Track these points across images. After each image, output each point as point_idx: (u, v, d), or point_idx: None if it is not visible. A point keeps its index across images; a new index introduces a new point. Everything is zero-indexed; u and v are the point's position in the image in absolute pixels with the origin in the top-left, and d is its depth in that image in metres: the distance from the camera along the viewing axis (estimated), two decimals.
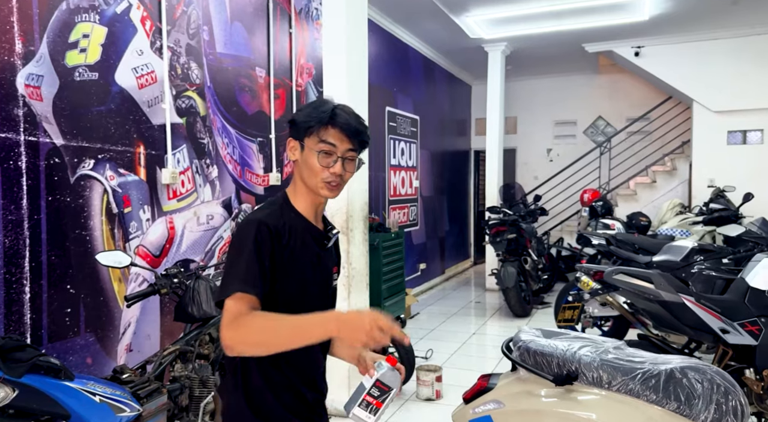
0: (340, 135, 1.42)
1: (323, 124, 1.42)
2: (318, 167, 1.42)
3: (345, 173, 1.45)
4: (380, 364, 1.42)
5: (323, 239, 1.53)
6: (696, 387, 1.77)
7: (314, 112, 1.45)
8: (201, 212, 3.66)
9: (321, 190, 1.44)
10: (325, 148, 1.41)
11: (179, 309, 2.54)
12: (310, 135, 1.43)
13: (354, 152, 1.45)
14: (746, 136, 7.45)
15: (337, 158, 1.42)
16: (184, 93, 3.53)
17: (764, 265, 3.00)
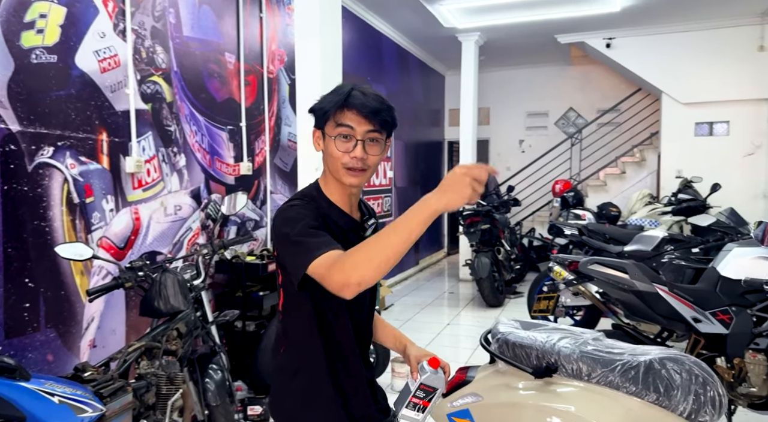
0: (357, 117, 1.35)
1: (339, 107, 1.36)
2: (338, 153, 1.36)
3: (368, 157, 1.37)
4: (422, 368, 1.48)
5: (360, 230, 1.47)
6: (675, 378, 1.76)
7: (330, 96, 1.39)
8: (168, 202, 3.53)
9: (344, 177, 1.38)
10: (343, 132, 1.35)
11: (145, 304, 2.43)
12: (328, 120, 1.38)
13: (376, 133, 1.37)
14: (713, 127, 7.58)
15: (357, 141, 1.36)
16: (149, 78, 3.39)
17: (735, 254, 3.03)
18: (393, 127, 1.42)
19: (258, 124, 4.49)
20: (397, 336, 1.69)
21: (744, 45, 7.11)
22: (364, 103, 1.35)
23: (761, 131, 7.21)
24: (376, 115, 1.35)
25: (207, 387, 2.67)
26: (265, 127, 4.57)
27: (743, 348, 2.87)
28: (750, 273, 2.93)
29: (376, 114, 1.35)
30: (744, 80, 7.15)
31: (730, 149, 7.38)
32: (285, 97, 4.87)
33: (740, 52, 7.13)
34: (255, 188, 4.46)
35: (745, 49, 7.11)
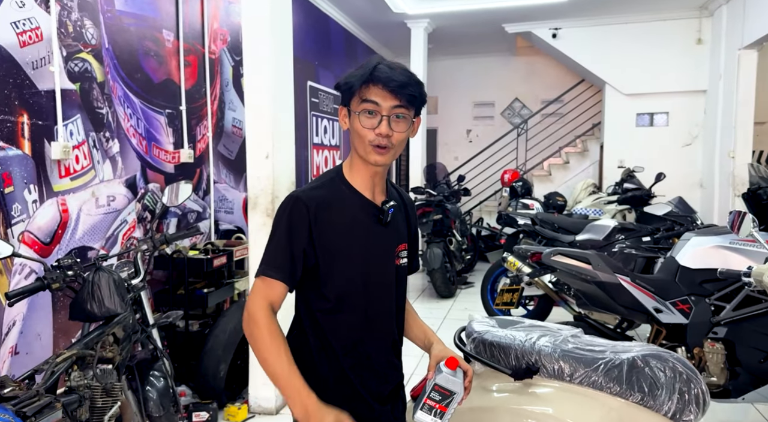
0: (383, 91, 1.30)
1: (364, 82, 1.31)
2: (363, 130, 1.33)
3: (393, 133, 1.32)
4: (439, 368, 1.37)
5: (377, 212, 1.41)
6: (659, 376, 1.67)
7: (356, 71, 1.35)
8: (100, 192, 3.21)
9: (369, 156, 1.34)
10: (368, 107, 1.31)
11: (76, 307, 2.15)
12: (354, 96, 1.34)
13: (403, 109, 1.32)
14: (653, 118, 7.77)
15: (382, 117, 1.31)
16: (77, 54, 3.05)
17: (693, 244, 3.03)
18: (422, 103, 1.37)
19: (200, 108, 4.19)
20: (427, 333, 1.60)
21: (683, 38, 7.30)
22: (390, 76, 1.30)
23: (698, 122, 7.45)
24: (402, 90, 1.30)
25: (148, 396, 2.42)
26: (207, 112, 4.27)
27: (702, 338, 2.86)
28: (708, 262, 2.92)
29: (402, 88, 1.30)
30: (683, 72, 7.35)
31: (670, 139, 7.59)
32: (229, 79, 4.58)
33: (680, 45, 7.31)
34: (197, 177, 4.16)
35: (685, 42, 7.30)
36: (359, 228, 1.39)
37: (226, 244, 4.03)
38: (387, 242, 1.44)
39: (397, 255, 1.48)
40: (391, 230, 1.45)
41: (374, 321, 1.42)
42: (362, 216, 1.39)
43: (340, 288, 1.37)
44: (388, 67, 1.32)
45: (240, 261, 3.98)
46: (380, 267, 1.43)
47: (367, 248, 1.40)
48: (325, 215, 1.34)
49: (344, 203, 1.38)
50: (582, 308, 3.44)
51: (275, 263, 1.32)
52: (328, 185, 1.40)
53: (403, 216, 1.54)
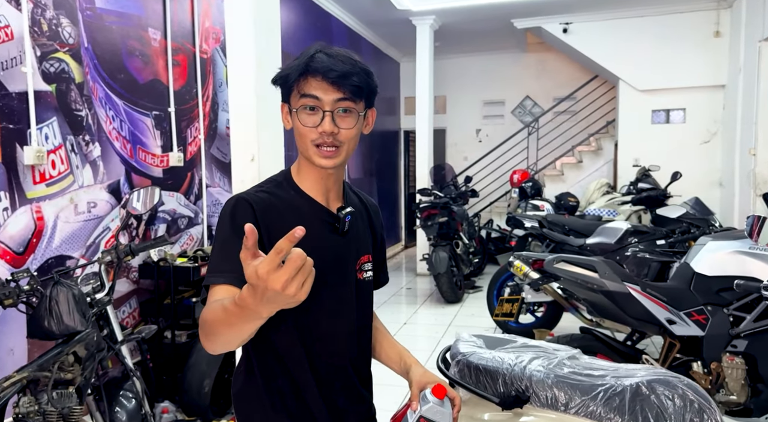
0: (323, 83, 1.13)
1: (301, 74, 1.14)
2: (303, 128, 1.16)
3: (339, 131, 1.15)
4: (424, 397, 1.21)
5: (333, 221, 1.25)
6: (666, 406, 1.46)
7: (292, 62, 1.18)
8: (80, 198, 3.07)
9: (314, 158, 1.17)
10: (308, 102, 1.14)
11: (33, 324, 1.99)
12: (292, 91, 1.17)
13: (348, 101, 1.14)
14: (669, 114, 7.49)
15: (324, 113, 1.14)
16: (52, 54, 2.91)
17: (709, 249, 2.80)
18: (371, 93, 1.20)
19: (190, 110, 4.03)
20: (403, 354, 1.42)
21: (700, 31, 7.01)
22: (330, 66, 1.12)
23: (717, 118, 7.15)
24: (345, 80, 1.13)
25: (116, 418, 2.26)
26: (198, 113, 4.12)
27: (720, 351, 2.64)
28: (726, 269, 2.69)
29: (344, 78, 1.13)
30: (700, 66, 7.06)
31: (687, 137, 7.30)
32: (222, 79, 4.42)
33: (697, 38, 7.03)
34: (188, 181, 4.01)
35: (702, 35, 7.01)
36: (311, 237, 1.18)
37: None
38: (345, 254, 1.27)
39: (360, 268, 1.31)
40: (350, 240, 1.28)
41: (331, 342, 1.24)
42: (315, 224, 1.21)
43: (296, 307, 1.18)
44: (326, 55, 1.14)
45: None
46: (338, 281, 1.25)
47: (321, 260, 1.18)
48: (272, 218, 1.17)
49: (294, 209, 1.21)
50: (593, 315, 3.22)
51: (221, 267, 1.13)
52: (275, 189, 1.23)
53: (365, 225, 1.37)
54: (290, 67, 1.17)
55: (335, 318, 1.25)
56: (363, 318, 1.34)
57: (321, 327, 1.23)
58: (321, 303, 1.22)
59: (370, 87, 1.18)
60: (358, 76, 1.14)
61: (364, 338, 1.36)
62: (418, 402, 1.23)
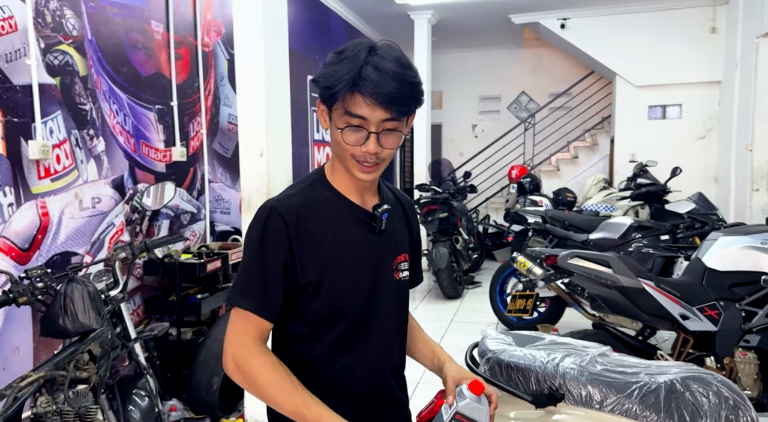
0: (371, 103, 1.06)
1: (347, 90, 1.06)
2: (345, 144, 1.11)
3: (383, 150, 1.11)
4: (461, 392, 1.16)
5: (370, 220, 1.21)
6: (701, 403, 1.46)
7: (337, 70, 1.08)
8: (84, 194, 3.01)
9: (353, 170, 1.15)
10: (352, 122, 1.09)
11: (47, 322, 1.95)
12: (335, 102, 1.10)
13: (395, 122, 1.10)
14: (666, 110, 7.52)
15: (369, 134, 1.09)
16: (56, 46, 2.84)
17: (721, 244, 2.81)
18: (418, 107, 1.13)
19: (193, 104, 3.98)
20: (436, 351, 1.37)
21: (697, 27, 7.04)
22: (379, 87, 1.04)
23: (713, 114, 7.19)
24: (393, 103, 1.07)
25: (130, 416, 2.22)
26: (201, 107, 4.06)
27: (733, 346, 2.65)
28: (738, 264, 2.70)
29: (394, 102, 1.07)
30: (696, 62, 7.09)
31: (683, 132, 7.35)
32: (224, 73, 4.37)
33: (693, 34, 7.06)
34: (191, 176, 3.96)
35: (698, 31, 7.04)
36: (348, 238, 1.18)
37: (221, 247, 3.83)
38: (383, 253, 1.23)
39: (396, 267, 1.27)
40: (387, 239, 1.24)
41: (369, 349, 1.22)
42: (351, 225, 1.19)
43: (325, 311, 1.17)
44: (376, 70, 1.06)
45: (236, 264, 3.77)
46: (375, 283, 1.21)
47: (358, 262, 1.19)
48: (307, 227, 1.14)
49: (329, 210, 1.18)
50: (597, 310, 3.22)
51: (245, 289, 1.13)
52: (309, 190, 1.20)
53: (402, 222, 1.33)
54: (335, 77, 1.08)
55: (377, 324, 1.22)
56: (402, 320, 1.30)
57: (361, 334, 1.20)
58: (362, 307, 1.20)
59: (417, 103, 1.12)
60: (408, 97, 1.08)
61: (403, 340, 1.33)
62: (454, 397, 1.18)
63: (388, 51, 1.10)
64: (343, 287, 1.17)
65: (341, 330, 1.18)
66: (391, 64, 1.08)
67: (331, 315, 1.17)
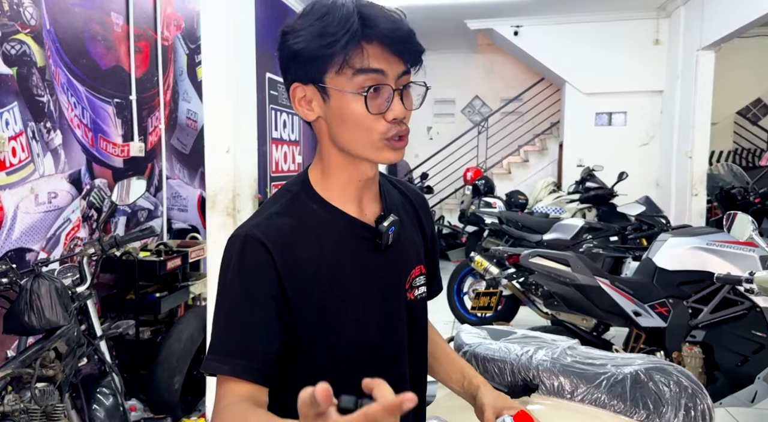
0: (385, 52, 0.84)
1: (356, 40, 0.82)
2: (369, 117, 0.85)
3: (407, 113, 0.89)
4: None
5: (372, 236, 0.95)
6: (663, 392, 1.56)
7: (328, 24, 0.82)
8: (40, 188, 2.90)
9: (383, 154, 0.89)
10: (373, 81, 0.84)
11: (11, 319, 1.89)
12: (338, 67, 0.84)
13: (409, 75, 0.90)
14: (612, 117, 7.85)
15: (393, 92, 0.86)
16: (13, 36, 2.73)
17: (670, 245, 2.97)
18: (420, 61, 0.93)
19: (151, 98, 3.89)
20: (467, 373, 1.15)
21: (642, 38, 7.39)
22: (394, 25, 0.84)
23: (655, 122, 7.56)
24: (408, 44, 0.87)
25: (95, 415, 2.17)
26: (159, 102, 3.97)
27: (681, 341, 2.81)
28: (686, 264, 2.87)
29: (408, 42, 0.86)
30: (641, 72, 7.44)
31: (627, 139, 7.69)
32: (183, 68, 4.29)
33: (638, 45, 7.40)
34: (148, 172, 3.87)
35: (643, 42, 7.39)
36: (346, 263, 0.92)
37: (180, 245, 3.76)
38: (391, 274, 0.99)
39: (411, 285, 1.02)
40: (396, 254, 0.99)
41: None
42: (350, 245, 0.94)
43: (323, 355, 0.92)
44: (378, 11, 0.85)
45: (195, 262, 3.72)
46: (382, 315, 0.97)
47: (365, 288, 0.94)
48: (297, 254, 0.88)
49: (319, 230, 0.92)
50: (549, 308, 3.34)
51: (227, 348, 0.85)
52: (292, 207, 0.93)
53: (414, 226, 1.08)
54: (328, 32, 0.82)
55: (381, 364, 0.97)
56: (417, 352, 1.05)
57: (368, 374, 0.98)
58: (363, 348, 0.95)
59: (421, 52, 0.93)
60: (414, 37, 0.90)
61: (422, 366, 1.09)
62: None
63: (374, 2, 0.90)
64: (346, 326, 0.92)
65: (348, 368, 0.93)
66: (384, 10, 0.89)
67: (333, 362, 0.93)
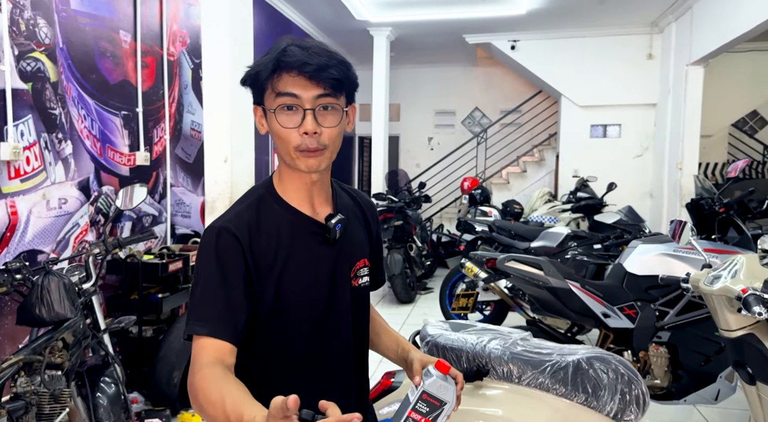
0: (299, 79, 1.03)
1: (274, 70, 1.04)
2: (284, 132, 1.06)
3: (323, 130, 1.06)
4: (428, 372, 1.12)
5: (324, 232, 1.15)
6: (602, 378, 1.75)
7: (261, 59, 1.07)
8: (51, 195, 3.14)
9: (297, 162, 1.08)
10: (286, 102, 1.05)
11: (24, 311, 2.10)
12: (266, 90, 1.07)
13: (329, 97, 1.06)
14: (606, 129, 8.02)
15: (305, 112, 1.05)
16: (29, 53, 2.98)
17: (640, 251, 3.15)
18: (352, 87, 1.11)
19: (157, 111, 4.13)
20: (400, 342, 1.36)
21: (635, 53, 7.58)
22: (304, 59, 1.03)
23: (649, 134, 7.73)
24: (322, 73, 1.03)
25: (98, 402, 2.37)
26: (165, 114, 4.21)
27: (647, 342, 2.98)
28: (653, 269, 3.05)
29: (322, 71, 1.03)
30: (635, 86, 7.62)
31: (622, 150, 7.85)
32: (188, 82, 4.53)
33: (632, 59, 7.59)
34: (153, 180, 4.10)
35: (636, 57, 7.58)
36: (302, 254, 1.13)
37: (182, 249, 3.98)
38: (338, 264, 1.18)
39: (355, 275, 1.22)
40: (343, 248, 1.19)
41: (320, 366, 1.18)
42: (304, 239, 1.14)
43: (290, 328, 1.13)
44: (299, 48, 1.04)
45: None
46: (332, 296, 1.17)
47: (314, 277, 1.14)
48: (260, 243, 1.09)
49: (280, 225, 1.12)
50: (536, 313, 3.53)
51: (203, 314, 1.04)
52: (256, 205, 1.13)
53: (361, 226, 1.28)
54: (260, 64, 1.07)
55: (328, 337, 1.17)
56: (359, 331, 1.25)
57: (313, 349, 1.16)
58: (313, 323, 1.15)
59: (350, 79, 1.09)
60: (337, 68, 1.05)
61: (360, 352, 1.27)
62: (421, 377, 1.13)
63: (312, 40, 1.10)
64: (299, 305, 1.12)
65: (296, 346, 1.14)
66: (316, 44, 1.08)
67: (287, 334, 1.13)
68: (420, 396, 1.07)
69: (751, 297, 1.66)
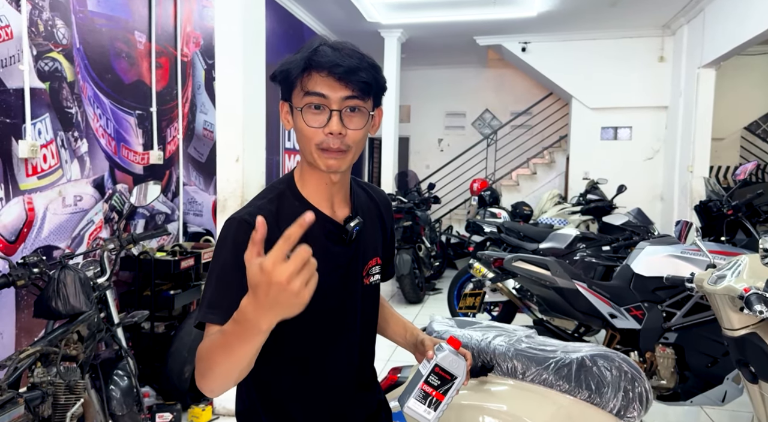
0: (329, 80, 1.04)
1: (304, 69, 1.06)
2: (309, 130, 1.07)
3: (348, 132, 1.07)
4: (440, 347, 1.17)
5: (340, 233, 1.16)
6: (605, 375, 1.77)
7: (293, 56, 1.09)
8: (67, 192, 3.20)
9: (319, 161, 1.09)
10: (313, 101, 1.06)
11: (41, 304, 2.16)
12: (294, 88, 1.09)
13: (357, 100, 1.07)
14: (617, 132, 8.01)
15: (331, 112, 1.05)
16: (47, 54, 3.05)
17: (647, 252, 3.16)
18: (380, 90, 1.12)
19: (170, 110, 4.20)
20: (408, 327, 1.40)
21: (647, 55, 7.56)
22: (336, 60, 1.04)
23: (660, 137, 7.71)
24: (352, 75, 1.04)
25: (111, 395, 2.43)
26: (178, 114, 4.28)
27: (654, 343, 2.99)
28: (660, 270, 3.05)
29: (352, 74, 1.04)
30: (646, 88, 7.61)
31: (633, 153, 7.84)
32: (201, 82, 4.60)
33: (643, 62, 7.58)
34: (166, 179, 4.17)
35: (648, 59, 7.56)
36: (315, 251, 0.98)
37: (194, 246, 4.04)
38: (351, 264, 1.19)
39: (367, 273, 1.24)
40: (358, 248, 1.20)
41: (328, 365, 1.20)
42: (320, 238, 1.12)
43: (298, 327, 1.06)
44: (331, 49, 1.06)
45: (208, 263, 3.99)
46: (341, 296, 1.18)
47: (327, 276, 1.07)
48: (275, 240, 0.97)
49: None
50: (544, 314, 3.55)
51: (217, 302, 1.02)
52: (276, 200, 1.14)
53: (376, 224, 1.29)
54: (291, 62, 1.08)
55: (336, 334, 1.19)
56: (367, 327, 1.27)
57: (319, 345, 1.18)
58: (322, 320, 1.15)
59: (379, 83, 1.10)
60: (367, 71, 1.06)
61: (367, 348, 1.29)
62: (433, 353, 1.18)
63: (343, 42, 1.11)
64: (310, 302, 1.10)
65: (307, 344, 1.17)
66: (348, 46, 1.09)
67: (308, 331, 1.14)
68: (432, 369, 1.14)
69: (753, 296, 1.67)
